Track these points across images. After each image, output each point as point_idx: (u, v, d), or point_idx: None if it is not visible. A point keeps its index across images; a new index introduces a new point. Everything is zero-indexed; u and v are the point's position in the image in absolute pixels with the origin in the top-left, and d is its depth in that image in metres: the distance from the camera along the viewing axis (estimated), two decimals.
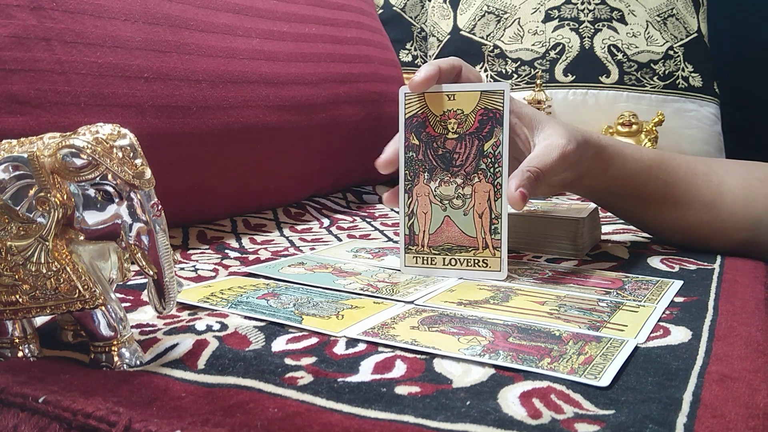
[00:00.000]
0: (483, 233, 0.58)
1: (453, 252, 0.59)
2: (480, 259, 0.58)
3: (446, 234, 0.59)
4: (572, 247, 0.68)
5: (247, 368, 0.39)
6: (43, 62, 0.61)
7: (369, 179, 1.13)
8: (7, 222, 0.38)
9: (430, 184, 0.59)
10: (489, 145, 0.58)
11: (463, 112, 0.58)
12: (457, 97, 0.58)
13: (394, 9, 1.49)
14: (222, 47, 0.79)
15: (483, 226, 0.58)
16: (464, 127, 0.58)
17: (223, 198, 0.82)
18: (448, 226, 0.59)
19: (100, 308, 0.39)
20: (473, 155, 0.58)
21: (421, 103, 0.59)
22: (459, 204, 0.59)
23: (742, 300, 0.52)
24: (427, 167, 0.59)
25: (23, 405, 0.35)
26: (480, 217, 0.58)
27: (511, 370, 0.38)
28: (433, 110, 0.59)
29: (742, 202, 0.65)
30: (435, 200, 0.59)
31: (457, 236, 0.59)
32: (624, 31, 1.31)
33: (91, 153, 0.37)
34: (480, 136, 0.58)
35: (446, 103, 0.58)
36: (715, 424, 0.32)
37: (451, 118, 0.58)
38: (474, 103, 0.58)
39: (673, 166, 0.67)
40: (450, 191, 0.59)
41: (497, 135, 0.57)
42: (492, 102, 0.57)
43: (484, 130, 0.58)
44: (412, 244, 0.60)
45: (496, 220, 0.58)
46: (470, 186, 0.58)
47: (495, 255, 0.58)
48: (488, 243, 0.58)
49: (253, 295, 0.52)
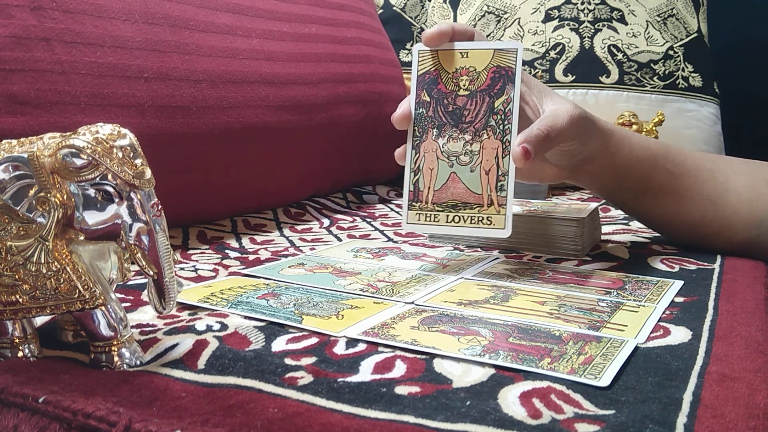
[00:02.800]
0: (489, 190, 0.58)
1: (457, 209, 0.58)
2: (484, 217, 0.58)
3: (451, 190, 0.59)
4: (572, 247, 0.68)
5: (247, 368, 0.39)
6: (43, 62, 0.61)
7: (369, 179, 1.13)
8: (7, 222, 0.38)
9: (438, 140, 0.59)
10: (500, 102, 0.58)
11: (476, 70, 0.58)
12: (471, 54, 0.58)
13: (394, 9, 1.49)
14: (222, 47, 0.79)
15: (489, 182, 0.58)
16: (476, 84, 0.58)
17: (223, 198, 0.82)
18: (453, 182, 0.59)
19: (100, 308, 0.39)
20: (483, 112, 0.58)
21: (435, 61, 0.59)
22: (466, 160, 0.58)
23: (742, 300, 0.52)
24: (436, 123, 0.59)
25: (23, 405, 0.35)
26: (487, 173, 0.58)
27: (511, 370, 0.38)
28: (446, 67, 0.59)
29: (746, 201, 0.65)
30: (442, 156, 0.59)
31: (463, 193, 0.58)
32: (624, 31, 1.31)
33: (91, 153, 0.37)
34: (491, 93, 0.58)
35: (459, 61, 0.59)
36: (715, 424, 0.32)
37: (463, 75, 0.58)
38: (487, 60, 0.58)
39: (680, 158, 0.67)
40: (458, 147, 0.58)
41: (508, 92, 0.57)
42: (504, 60, 0.57)
43: (495, 87, 0.58)
44: (416, 200, 0.60)
45: (503, 177, 0.57)
46: (479, 142, 0.58)
47: (500, 212, 0.57)
48: (493, 200, 0.58)
49: (253, 295, 0.52)
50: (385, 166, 1.11)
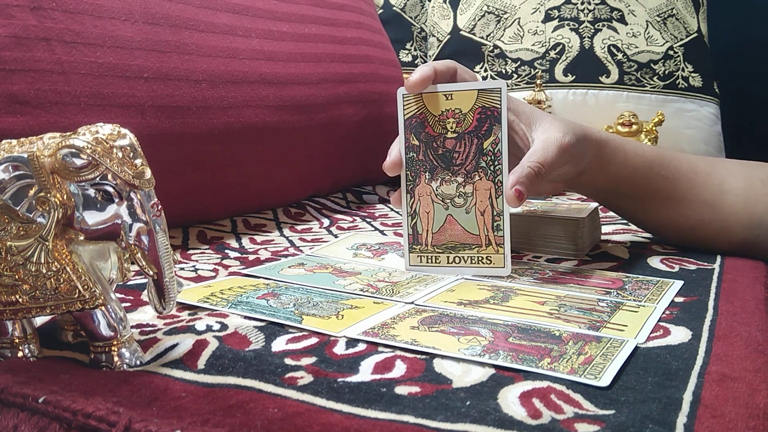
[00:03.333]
0: (486, 230, 0.59)
1: (457, 250, 0.59)
2: (484, 256, 0.59)
3: (449, 232, 0.60)
4: (572, 247, 0.68)
5: (247, 368, 0.39)
6: (43, 62, 0.61)
7: (369, 179, 1.13)
8: (7, 222, 0.38)
9: (432, 184, 0.60)
10: (488, 143, 0.58)
11: (461, 111, 0.58)
12: (455, 96, 0.58)
13: (394, 9, 1.49)
14: (222, 47, 0.79)
15: (485, 223, 0.58)
16: (463, 126, 0.58)
17: (223, 198, 0.82)
18: (450, 224, 0.59)
19: (100, 308, 0.39)
20: (473, 154, 0.58)
21: (419, 104, 0.59)
22: (461, 202, 0.59)
23: (742, 300, 0.52)
24: (427, 167, 0.60)
25: (23, 405, 0.35)
26: (482, 214, 0.58)
27: (511, 370, 0.38)
28: (432, 110, 0.59)
29: (743, 202, 0.65)
30: (437, 199, 0.60)
31: (460, 234, 0.59)
32: (624, 31, 1.31)
33: (91, 153, 0.37)
34: (479, 134, 0.58)
35: (444, 103, 0.59)
36: (715, 424, 0.32)
37: (449, 118, 0.58)
38: (471, 101, 0.58)
39: (675, 163, 0.67)
40: (451, 190, 0.59)
41: (496, 133, 0.58)
42: (489, 100, 0.57)
43: (482, 128, 0.58)
44: (416, 243, 0.61)
45: (498, 217, 0.58)
46: (471, 184, 0.59)
47: (498, 251, 0.58)
48: (491, 240, 0.58)
49: (253, 295, 0.52)
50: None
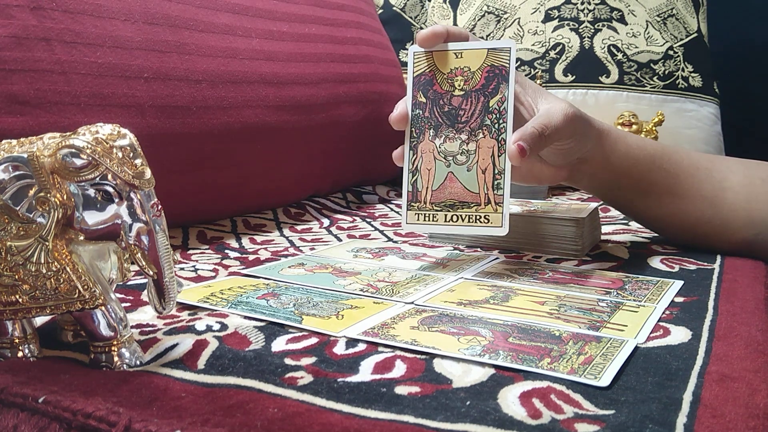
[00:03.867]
0: (486, 189, 0.58)
1: (455, 208, 0.59)
2: (482, 215, 0.58)
3: (449, 190, 0.59)
4: (572, 247, 0.68)
5: (247, 368, 0.39)
6: (43, 62, 0.61)
7: (369, 179, 1.13)
8: (7, 222, 0.38)
9: (435, 141, 0.60)
10: (494, 101, 0.58)
11: (470, 70, 0.59)
12: (465, 54, 0.59)
13: (394, 9, 1.49)
14: (222, 47, 0.79)
15: (486, 181, 0.58)
16: (471, 84, 0.59)
17: (223, 198, 0.82)
18: (451, 182, 0.59)
19: (100, 308, 0.39)
20: (478, 111, 0.58)
21: (430, 62, 0.60)
22: (463, 160, 0.59)
23: (742, 300, 0.52)
24: (432, 124, 0.60)
25: (23, 405, 0.34)
26: (483, 172, 0.58)
27: (511, 370, 0.38)
28: (441, 68, 0.59)
29: (743, 201, 0.65)
30: (439, 156, 0.60)
31: (460, 192, 0.59)
32: (624, 31, 1.31)
33: (91, 153, 0.37)
34: (486, 92, 0.58)
35: (453, 61, 0.59)
36: (715, 424, 0.32)
37: (458, 76, 0.59)
38: (481, 60, 0.58)
39: (676, 158, 0.67)
40: (454, 147, 0.59)
41: (502, 91, 0.58)
42: (498, 59, 0.58)
43: (489, 86, 0.58)
44: (414, 200, 0.61)
45: (499, 176, 0.58)
46: (474, 142, 0.59)
47: (497, 211, 0.58)
48: (490, 199, 0.58)
49: (253, 295, 0.52)
50: (385, 166, 1.10)
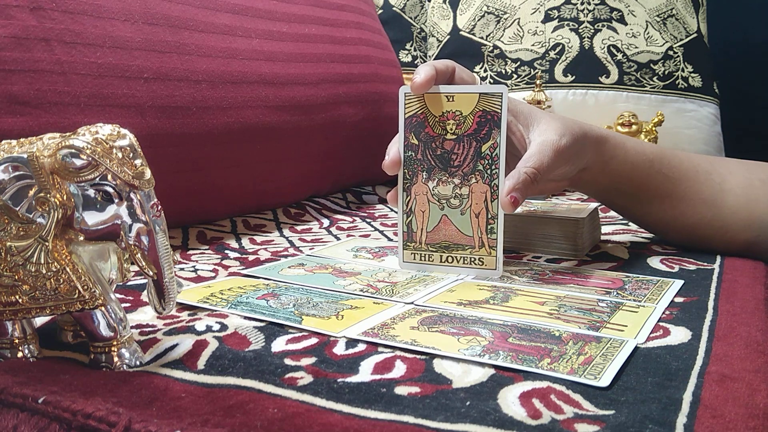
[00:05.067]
0: (479, 233, 0.59)
1: (450, 250, 0.60)
2: (476, 258, 0.59)
3: (443, 232, 0.60)
4: (572, 247, 0.68)
5: (247, 368, 0.39)
6: (43, 62, 0.61)
7: (369, 179, 1.13)
8: (7, 222, 0.38)
9: (429, 184, 0.60)
10: (486, 146, 0.58)
11: (462, 114, 0.58)
12: (456, 98, 0.58)
13: (394, 9, 1.49)
14: (222, 47, 0.79)
15: (480, 225, 0.59)
16: (462, 128, 0.59)
17: (222, 198, 0.82)
18: (445, 224, 0.60)
19: (99, 309, 0.39)
20: (471, 156, 0.58)
21: (421, 104, 0.59)
22: (456, 204, 0.59)
23: (742, 300, 0.52)
24: (425, 167, 0.60)
25: (23, 405, 0.35)
26: (477, 217, 0.59)
27: (511, 370, 0.38)
28: (433, 111, 0.59)
29: (743, 202, 0.64)
30: (433, 199, 0.60)
31: (454, 235, 0.60)
32: (624, 31, 1.31)
33: (90, 153, 0.37)
34: (478, 137, 0.58)
35: (445, 104, 0.59)
36: (715, 424, 0.32)
37: (449, 119, 0.59)
38: (472, 105, 0.58)
39: (675, 161, 0.67)
40: (448, 191, 0.59)
41: (495, 137, 0.58)
42: (490, 104, 0.58)
43: (482, 131, 0.58)
44: (410, 240, 0.61)
45: (493, 221, 0.58)
46: (467, 186, 0.59)
47: (491, 254, 0.59)
48: (484, 242, 0.59)
49: (252, 296, 0.52)
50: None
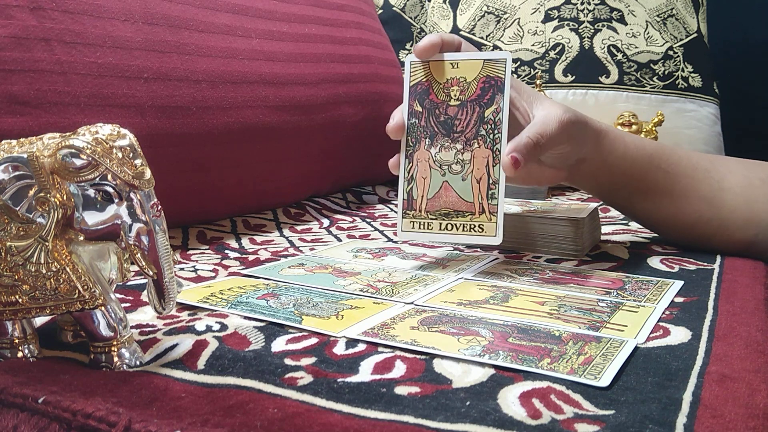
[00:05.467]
0: (480, 198, 0.59)
1: (450, 217, 0.60)
2: (476, 224, 0.59)
3: (444, 199, 0.60)
4: (572, 247, 0.68)
5: (247, 368, 0.39)
6: (43, 62, 0.61)
7: (369, 179, 1.13)
8: (7, 222, 0.38)
9: (431, 150, 0.60)
10: (489, 111, 0.58)
11: (466, 80, 0.59)
12: (461, 65, 0.59)
13: (394, 9, 1.49)
14: (222, 47, 0.79)
15: (480, 191, 0.59)
16: (466, 94, 0.59)
17: (222, 198, 0.82)
18: (446, 191, 0.60)
19: (99, 308, 0.39)
20: (474, 121, 0.59)
21: (426, 71, 0.60)
22: (458, 169, 0.59)
23: (742, 300, 0.52)
24: (428, 133, 0.60)
25: (23, 405, 0.34)
26: (478, 182, 0.59)
27: (511, 370, 0.38)
28: (437, 78, 0.60)
29: (742, 201, 0.64)
30: (434, 165, 0.60)
31: (455, 201, 0.60)
32: (624, 31, 1.31)
33: (90, 153, 0.37)
34: (481, 102, 0.59)
35: (449, 71, 0.59)
36: (715, 424, 0.32)
37: (454, 86, 0.59)
38: (477, 71, 0.59)
39: (675, 158, 0.67)
40: (449, 157, 0.59)
41: (498, 102, 0.58)
42: (494, 70, 0.58)
43: (485, 97, 0.59)
44: (409, 209, 0.61)
45: (494, 186, 0.58)
46: (469, 152, 0.59)
47: (491, 220, 0.59)
48: (485, 208, 0.59)
49: (252, 296, 0.52)
50: (384, 166, 1.10)
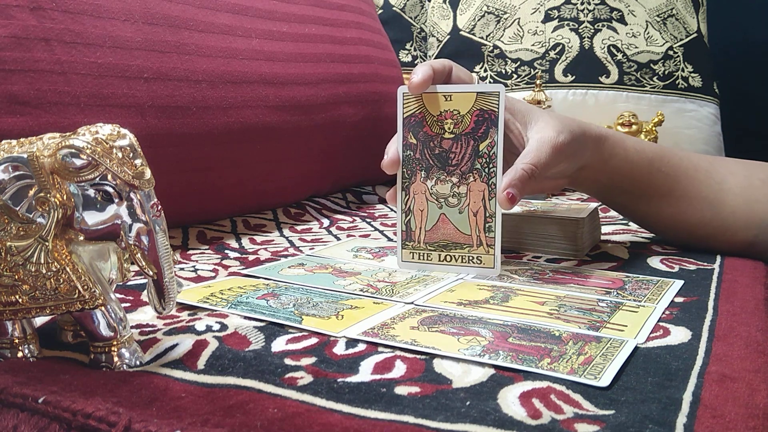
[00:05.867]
0: (477, 231, 0.59)
1: (448, 248, 0.60)
2: (474, 256, 0.59)
3: (442, 231, 0.60)
4: (572, 247, 0.68)
5: (247, 368, 0.39)
6: (43, 62, 0.61)
7: (369, 179, 1.13)
8: (7, 222, 0.38)
9: (427, 182, 0.60)
10: (484, 145, 0.58)
11: (460, 113, 0.59)
12: (454, 98, 0.59)
13: (394, 9, 1.49)
14: (222, 47, 0.79)
15: (477, 224, 0.59)
16: (460, 127, 0.59)
17: (223, 198, 0.82)
18: (443, 223, 0.60)
19: (99, 308, 0.39)
20: (469, 155, 0.59)
21: (419, 103, 0.60)
22: (454, 202, 0.59)
23: (742, 300, 0.52)
24: (423, 166, 0.60)
25: (23, 405, 0.35)
26: (475, 215, 0.59)
27: (511, 370, 0.38)
28: (431, 110, 0.59)
29: (743, 202, 0.64)
30: (431, 198, 0.60)
31: (453, 233, 0.60)
32: (624, 31, 1.31)
33: (90, 153, 0.37)
34: (475, 136, 0.59)
35: (443, 104, 0.59)
36: (715, 424, 0.32)
37: (447, 119, 0.59)
38: (470, 104, 0.58)
39: (675, 160, 0.67)
40: (446, 190, 0.60)
41: (492, 136, 0.58)
42: (487, 103, 0.58)
43: (479, 130, 0.58)
44: (408, 240, 0.61)
45: (491, 219, 0.59)
46: (465, 185, 0.59)
47: (489, 252, 0.59)
48: (482, 241, 0.59)
49: (252, 296, 0.52)
50: None
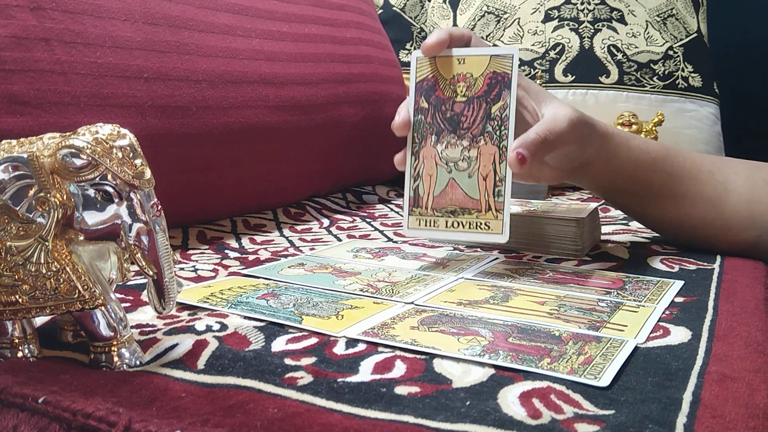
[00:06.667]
0: (486, 195, 0.58)
1: (456, 215, 0.59)
2: (482, 222, 0.59)
3: (450, 196, 0.60)
4: (572, 247, 0.68)
5: (247, 368, 0.39)
6: (43, 62, 0.61)
7: (369, 179, 1.13)
8: (7, 222, 0.38)
9: (437, 147, 0.60)
10: (496, 108, 0.58)
11: (473, 76, 0.59)
12: (467, 60, 0.59)
13: (394, 9, 1.49)
14: (222, 47, 0.79)
15: (487, 188, 0.58)
16: (473, 90, 0.59)
17: (223, 198, 0.82)
18: (452, 188, 0.59)
19: (99, 308, 0.39)
20: (480, 118, 0.58)
21: (432, 67, 0.60)
22: (464, 166, 0.59)
23: (742, 300, 0.52)
24: (434, 130, 0.60)
25: (23, 405, 0.34)
26: (484, 179, 0.58)
27: (511, 370, 0.38)
28: (444, 74, 0.59)
29: (746, 202, 0.64)
30: (440, 162, 0.60)
31: (461, 199, 0.59)
32: (624, 31, 1.31)
33: (90, 153, 0.37)
34: (488, 99, 0.58)
35: (456, 67, 0.59)
36: (715, 424, 0.32)
37: (460, 81, 0.59)
38: (483, 66, 0.58)
39: (679, 160, 0.67)
40: (456, 154, 0.59)
41: (505, 98, 0.58)
42: (501, 66, 0.58)
43: (492, 93, 0.58)
44: (416, 206, 0.61)
45: (500, 183, 0.58)
46: (476, 148, 0.59)
47: (497, 217, 0.58)
48: (491, 205, 0.58)
49: (252, 296, 0.52)
50: (385, 166, 1.10)
